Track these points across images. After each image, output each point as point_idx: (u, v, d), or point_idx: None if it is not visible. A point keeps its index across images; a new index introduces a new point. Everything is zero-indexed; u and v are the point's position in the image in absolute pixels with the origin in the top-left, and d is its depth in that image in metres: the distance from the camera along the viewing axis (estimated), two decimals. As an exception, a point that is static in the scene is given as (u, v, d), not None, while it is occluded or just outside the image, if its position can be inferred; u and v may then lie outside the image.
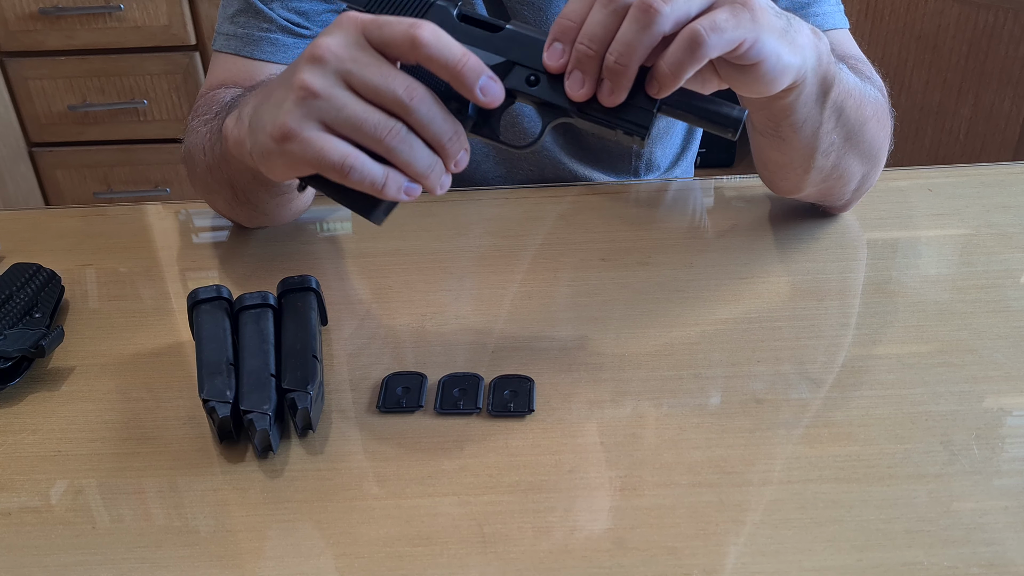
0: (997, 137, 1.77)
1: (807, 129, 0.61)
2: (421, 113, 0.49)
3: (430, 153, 0.51)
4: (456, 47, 0.49)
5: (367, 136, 0.49)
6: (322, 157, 0.50)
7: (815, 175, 0.67)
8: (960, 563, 0.47)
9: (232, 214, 0.76)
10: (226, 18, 0.81)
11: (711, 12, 0.49)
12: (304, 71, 0.50)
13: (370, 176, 0.50)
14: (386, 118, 0.49)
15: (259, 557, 0.49)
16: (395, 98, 0.49)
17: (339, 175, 0.50)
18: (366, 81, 0.49)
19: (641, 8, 0.47)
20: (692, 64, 0.48)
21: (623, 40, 0.48)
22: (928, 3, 1.78)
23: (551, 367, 0.61)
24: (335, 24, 0.51)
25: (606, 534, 0.49)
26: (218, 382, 0.56)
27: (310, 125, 0.50)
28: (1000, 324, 0.64)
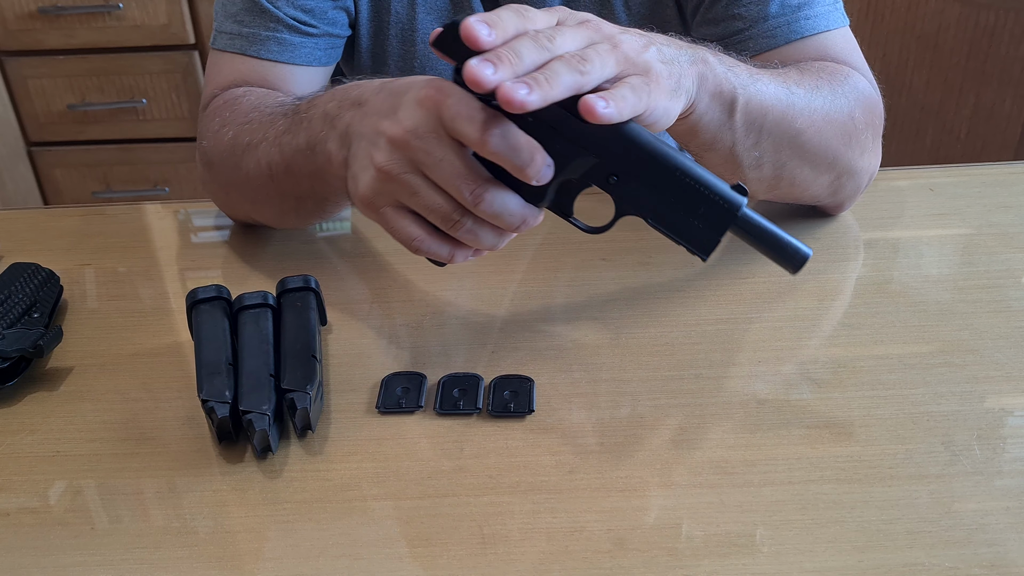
0: (998, 137, 1.77)
1: (719, 147, 0.63)
2: (486, 214, 0.53)
3: (494, 235, 0.55)
4: (522, 149, 0.50)
5: (436, 223, 0.54)
6: (395, 235, 0.56)
7: (757, 185, 0.68)
8: (961, 564, 0.46)
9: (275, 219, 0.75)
10: (228, 16, 0.80)
11: (624, 81, 0.51)
12: (383, 152, 0.54)
13: (436, 254, 0.56)
14: (453, 211, 0.53)
15: (258, 558, 0.48)
16: (462, 198, 0.52)
17: (411, 251, 0.56)
18: (436, 175, 0.52)
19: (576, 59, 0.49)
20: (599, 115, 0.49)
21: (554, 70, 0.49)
22: (929, 3, 1.78)
23: (551, 367, 0.61)
24: (418, 102, 0.52)
25: (606, 534, 0.49)
26: (217, 382, 0.55)
27: (386, 201, 0.55)
28: (1001, 324, 0.64)
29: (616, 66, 0.51)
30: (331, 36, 0.82)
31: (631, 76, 0.52)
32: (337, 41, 0.83)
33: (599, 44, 0.52)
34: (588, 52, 0.50)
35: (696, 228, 0.53)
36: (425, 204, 0.53)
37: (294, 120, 0.65)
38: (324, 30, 0.81)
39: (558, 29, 0.51)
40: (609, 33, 0.53)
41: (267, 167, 0.67)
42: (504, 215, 0.53)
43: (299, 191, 0.67)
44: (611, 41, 0.52)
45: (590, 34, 0.52)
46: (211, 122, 0.75)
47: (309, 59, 0.80)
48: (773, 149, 0.65)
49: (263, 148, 0.68)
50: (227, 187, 0.74)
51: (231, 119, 0.73)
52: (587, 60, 0.50)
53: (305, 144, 0.63)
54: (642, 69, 0.52)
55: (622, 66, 0.52)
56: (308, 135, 0.63)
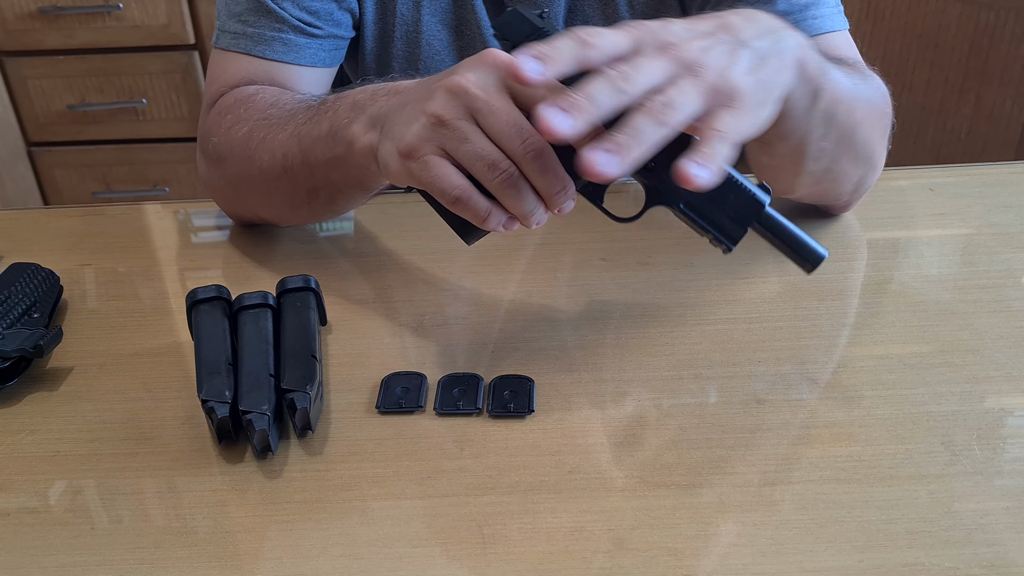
0: (998, 137, 1.77)
1: (794, 137, 0.61)
2: (535, 167, 0.52)
3: (535, 200, 0.54)
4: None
5: (480, 173, 0.53)
6: (436, 183, 0.54)
7: (807, 179, 0.67)
8: (961, 564, 0.46)
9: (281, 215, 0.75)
10: (232, 16, 0.80)
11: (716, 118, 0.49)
12: (438, 99, 0.53)
13: (474, 209, 0.54)
14: (502, 160, 0.52)
15: (258, 558, 0.48)
16: (513, 148, 0.52)
17: (447, 202, 0.54)
18: (492, 124, 0.52)
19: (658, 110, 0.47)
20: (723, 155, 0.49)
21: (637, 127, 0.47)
22: (929, 2, 1.78)
23: (551, 367, 0.61)
24: (479, 59, 0.54)
25: (606, 534, 0.49)
26: (217, 382, 0.55)
27: (432, 149, 0.54)
28: (1001, 324, 0.64)
29: (702, 102, 0.49)
30: (335, 38, 0.82)
31: (718, 108, 0.49)
32: (341, 43, 0.83)
33: (682, 80, 0.48)
34: (672, 95, 0.47)
35: (723, 220, 0.55)
36: (474, 150, 0.52)
37: (318, 111, 0.66)
38: (329, 31, 0.81)
39: (635, 64, 0.48)
40: (692, 60, 0.49)
41: (282, 158, 0.68)
42: (551, 174, 0.52)
43: (313, 182, 0.67)
44: (695, 70, 0.49)
45: (669, 66, 0.49)
46: (222, 119, 0.75)
47: (313, 60, 0.80)
48: (835, 141, 0.64)
49: (280, 140, 0.68)
50: (236, 182, 0.74)
51: (246, 115, 0.73)
52: (670, 107, 0.47)
53: (327, 131, 0.64)
54: (727, 96, 0.49)
55: (708, 99, 0.49)
56: (331, 122, 0.63)
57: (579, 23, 0.84)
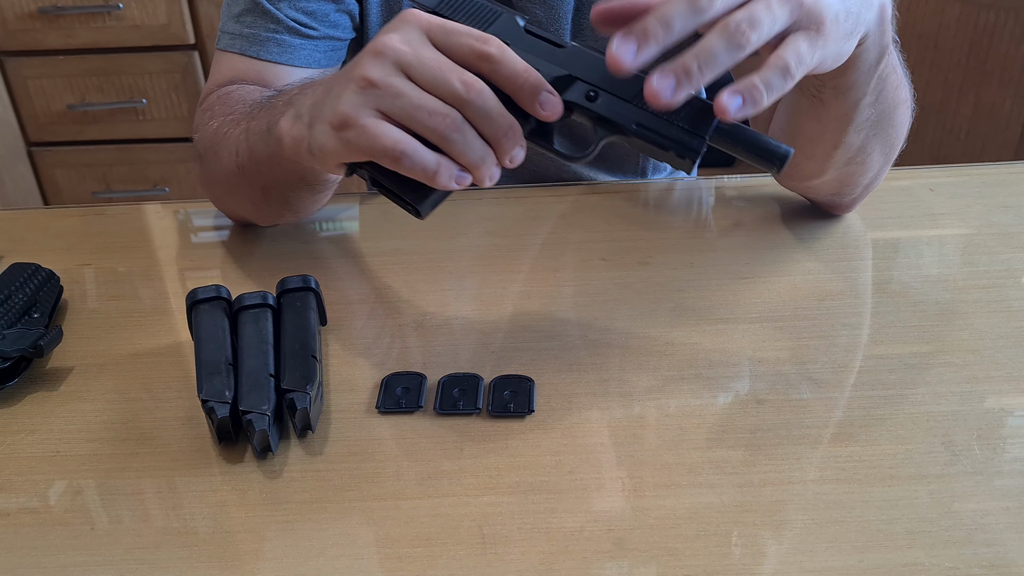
0: (998, 137, 1.77)
1: (851, 96, 0.59)
2: (477, 106, 0.50)
3: (484, 145, 0.51)
4: (519, 63, 0.50)
5: (422, 124, 0.50)
6: (376, 143, 0.51)
7: (842, 153, 0.66)
8: (961, 564, 0.46)
9: (253, 215, 0.75)
10: (231, 17, 0.80)
11: (793, 42, 0.47)
12: (365, 64, 0.51)
13: (422, 162, 0.51)
14: (442, 106, 0.50)
15: (258, 558, 0.48)
16: (452, 90, 0.50)
17: (392, 161, 0.51)
18: (424, 72, 0.50)
19: (733, 31, 0.46)
20: (780, 92, 0.47)
21: (708, 49, 0.46)
22: (928, 2, 1.78)
23: (551, 367, 0.61)
24: (399, 20, 0.52)
25: (606, 534, 0.49)
26: (217, 382, 0.55)
27: (367, 113, 0.51)
28: (1002, 324, 0.64)
29: (787, 19, 0.47)
30: (332, 39, 0.82)
31: (799, 33, 0.47)
32: (338, 44, 0.83)
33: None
34: (756, 11, 0.46)
35: (679, 135, 0.52)
36: (411, 102, 0.50)
37: (265, 107, 0.66)
38: (325, 32, 0.81)
39: None
40: None
41: (236, 155, 0.68)
42: (495, 114, 0.50)
43: (262, 180, 0.67)
44: None
45: None
46: (203, 116, 0.76)
47: (308, 61, 0.80)
48: (878, 115, 0.63)
49: (234, 136, 0.68)
50: (211, 180, 0.75)
51: (219, 112, 0.74)
52: (753, 26, 0.45)
53: (265, 128, 0.63)
54: (815, 19, 0.47)
55: (795, 17, 0.47)
56: (269, 119, 0.63)
57: (586, 21, 0.83)
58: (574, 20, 0.84)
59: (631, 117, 0.52)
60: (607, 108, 0.53)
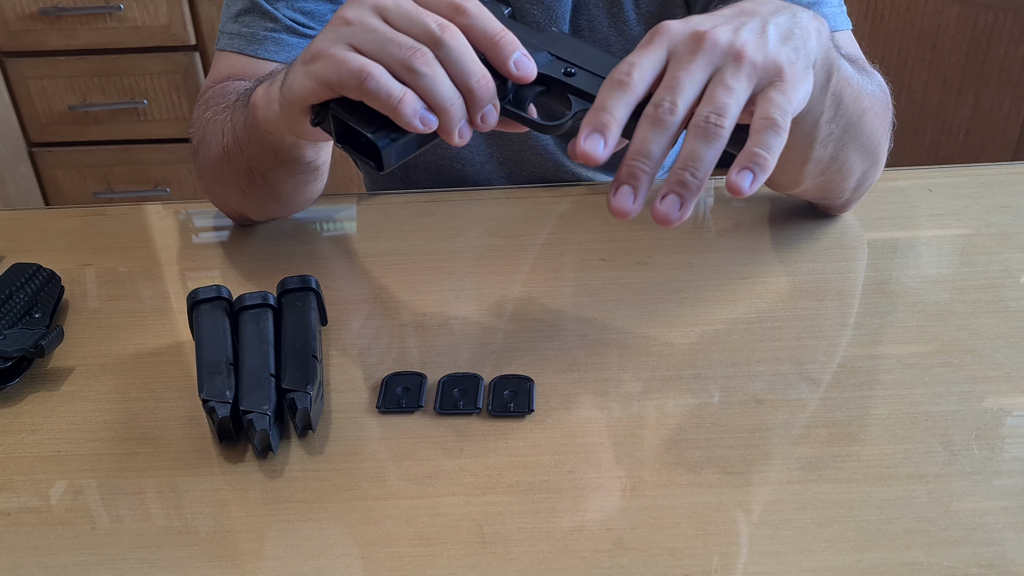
0: (997, 137, 1.77)
1: (808, 117, 0.60)
2: (451, 46, 0.50)
3: (455, 89, 0.50)
4: (497, 22, 0.51)
5: (391, 56, 0.50)
6: (343, 67, 0.50)
7: (812, 167, 0.66)
8: (960, 563, 0.47)
9: (242, 205, 0.75)
10: (230, 17, 0.81)
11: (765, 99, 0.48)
12: (344, 8, 0.52)
13: (387, 86, 0.49)
14: (413, 41, 0.50)
15: (259, 557, 0.49)
16: (427, 29, 0.50)
17: (356, 85, 0.50)
18: (401, 14, 0.51)
19: (704, 129, 0.46)
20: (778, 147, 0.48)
21: (694, 156, 0.46)
22: (928, 3, 1.78)
23: (551, 367, 0.61)
24: None
25: (606, 534, 0.49)
26: (218, 382, 0.56)
27: (339, 45, 0.51)
28: (1000, 324, 0.64)
29: (749, 87, 0.48)
30: None
31: (767, 89, 0.48)
32: None
33: (724, 69, 0.47)
34: (719, 98, 0.46)
35: None
36: (383, 35, 0.50)
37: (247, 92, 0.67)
38: None
39: (676, 80, 0.47)
40: (728, 45, 0.48)
41: (221, 137, 0.69)
42: (466, 58, 0.50)
43: (244, 160, 0.68)
44: (735, 56, 0.47)
45: (709, 59, 0.48)
46: (198, 111, 0.77)
47: None
48: (843, 126, 0.63)
49: (220, 121, 0.70)
50: (203, 170, 0.76)
51: (212, 103, 0.75)
52: (723, 112, 0.46)
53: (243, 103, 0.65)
54: (774, 72, 0.48)
55: (755, 81, 0.48)
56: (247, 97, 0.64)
57: (584, 22, 0.84)
58: (572, 22, 0.84)
59: None
60: (585, 83, 0.53)
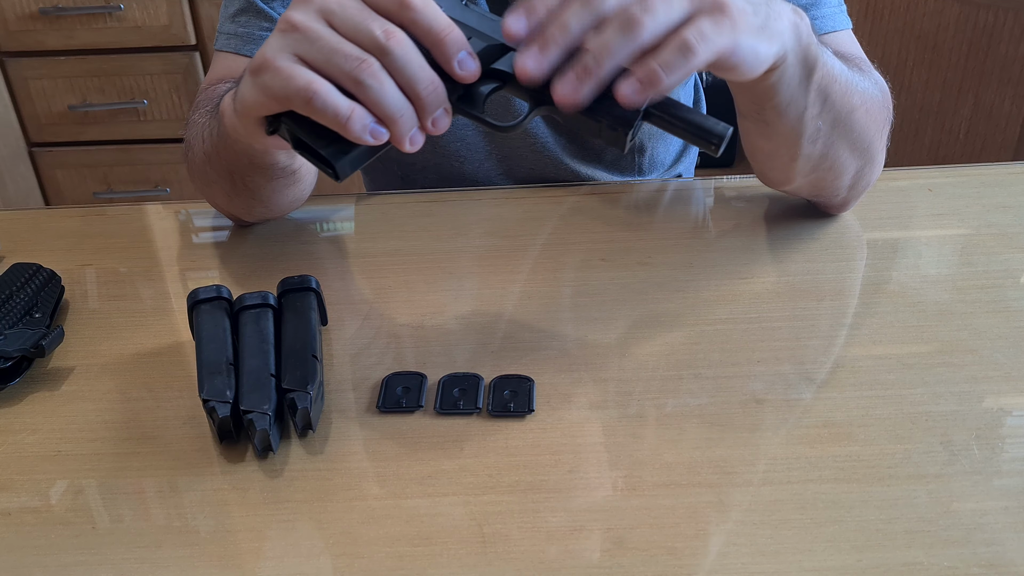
0: (997, 137, 1.77)
1: (792, 112, 0.61)
2: (397, 55, 0.48)
3: (403, 98, 0.49)
4: (444, 18, 0.50)
5: (338, 68, 0.49)
6: (289, 83, 0.49)
7: (803, 164, 0.67)
8: (960, 563, 0.47)
9: (231, 207, 0.76)
10: (227, 18, 0.81)
11: (694, 21, 0.48)
12: (290, 9, 0.51)
13: (334, 105, 0.48)
14: (359, 51, 0.49)
15: (259, 557, 0.49)
16: (372, 37, 0.48)
17: (304, 103, 0.49)
18: (346, 19, 0.49)
19: (624, 18, 0.46)
20: (681, 72, 0.47)
21: (603, 43, 0.47)
22: (928, 3, 1.78)
23: (551, 367, 0.61)
24: None
25: (606, 534, 0.49)
26: (218, 382, 0.56)
27: (285, 56, 0.50)
28: (1000, 324, 0.64)
29: (688, 8, 0.47)
30: None
31: (701, 16, 0.47)
32: None
33: None
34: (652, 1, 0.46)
35: (613, 107, 0.49)
36: (329, 46, 0.49)
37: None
38: None
39: None
40: None
41: (202, 142, 0.69)
42: (415, 66, 0.49)
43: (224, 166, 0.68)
44: None
45: None
46: (191, 116, 0.77)
47: None
48: (831, 123, 0.63)
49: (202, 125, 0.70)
50: (191, 173, 0.76)
51: (200, 107, 0.75)
52: (648, 9, 0.45)
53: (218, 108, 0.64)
54: (721, 5, 0.48)
55: (697, 4, 0.47)
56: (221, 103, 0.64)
57: None
58: None
59: None
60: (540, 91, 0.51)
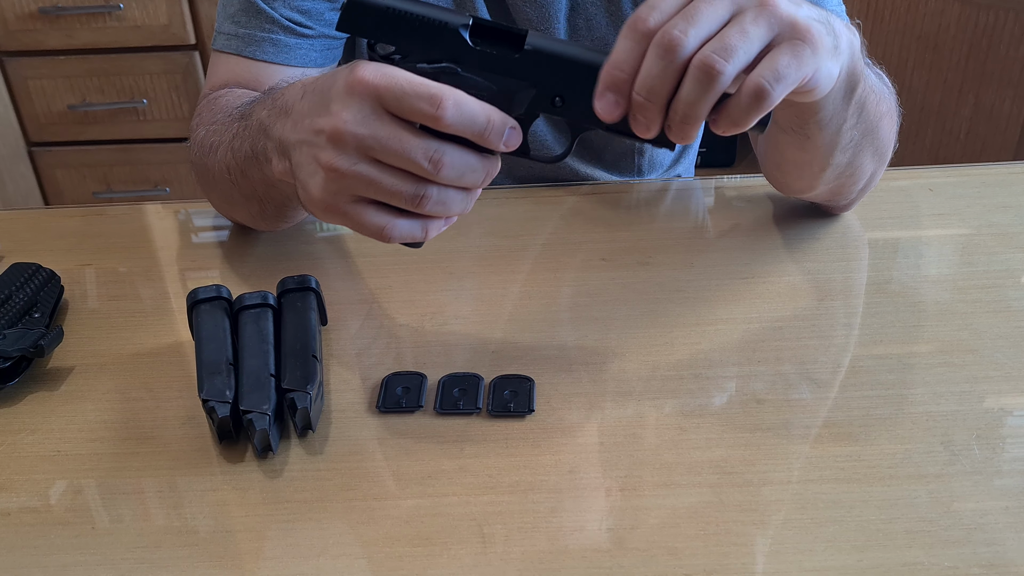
0: (998, 137, 1.77)
1: (832, 126, 0.60)
2: (448, 177, 0.51)
3: (463, 196, 0.53)
4: (479, 115, 0.50)
5: (398, 203, 0.52)
6: (362, 229, 0.53)
7: (831, 172, 0.66)
8: (961, 563, 0.46)
9: (250, 222, 0.75)
10: (227, 17, 0.80)
11: (772, 55, 0.47)
12: (326, 151, 0.51)
13: (409, 235, 0.53)
14: (415, 187, 0.51)
15: (258, 557, 0.48)
16: (420, 169, 0.50)
17: (381, 239, 0.53)
18: (388, 155, 0.50)
19: (703, 69, 0.46)
20: (757, 113, 0.47)
21: (688, 100, 0.47)
22: (928, 3, 1.78)
23: (551, 367, 0.61)
24: (348, 90, 0.50)
25: (606, 534, 0.49)
26: (218, 382, 0.56)
27: (345, 200, 0.52)
28: (1001, 324, 0.64)
29: (769, 32, 0.47)
30: (328, 37, 0.82)
31: (787, 43, 0.47)
32: (334, 43, 0.83)
33: (746, 12, 0.47)
34: (730, 39, 0.45)
35: None
36: (385, 189, 0.51)
37: (241, 126, 0.65)
38: (320, 31, 0.81)
39: (695, 10, 0.46)
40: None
41: (227, 170, 0.68)
42: (467, 173, 0.51)
43: (257, 195, 0.67)
44: (762, 2, 0.47)
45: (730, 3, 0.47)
46: (194, 121, 0.76)
47: (304, 61, 0.80)
48: (862, 133, 0.63)
49: (221, 151, 0.68)
50: (204, 187, 0.75)
51: (206, 119, 0.74)
52: (726, 59, 0.45)
53: (251, 152, 0.63)
54: (799, 31, 0.47)
55: (776, 30, 0.47)
56: (251, 143, 0.63)
57: (581, 22, 0.84)
58: (569, 20, 0.84)
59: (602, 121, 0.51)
60: (575, 112, 0.52)
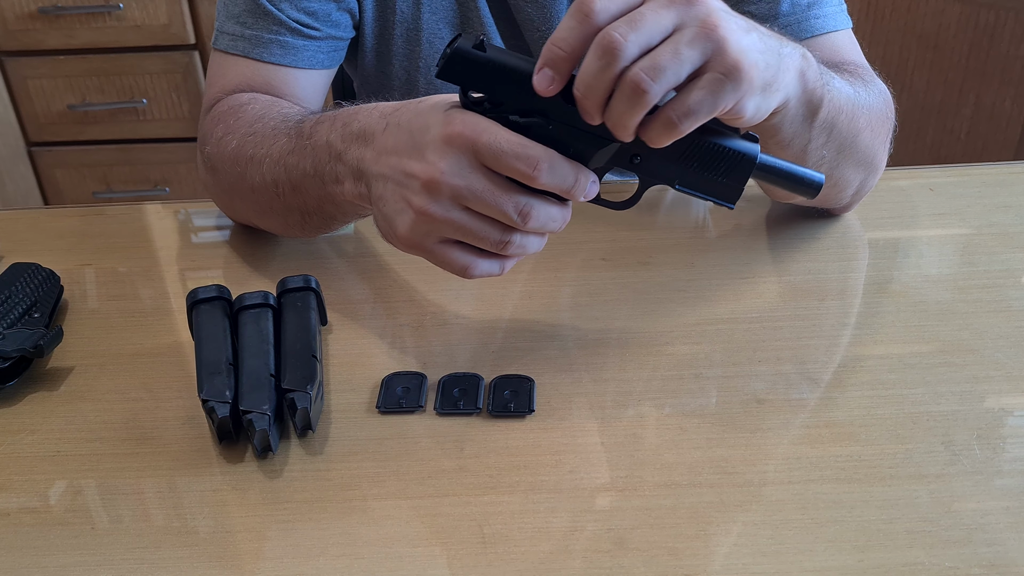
0: (998, 137, 1.77)
1: (795, 147, 0.62)
2: (533, 227, 0.53)
3: (540, 240, 0.56)
4: (569, 175, 0.52)
5: (485, 247, 0.55)
6: (444, 266, 0.56)
7: None
8: (961, 563, 0.46)
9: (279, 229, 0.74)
10: (231, 17, 0.80)
11: (689, 89, 0.48)
12: (420, 197, 0.53)
13: (488, 273, 0.56)
14: (501, 234, 0.54)
15: (258, 558, 0.48)
16: (509, 220, 0.53)
17: (462, 276, 0.56)
18: (480, 207, 0.53)
19: (632, 87, 0.47)
20: (669, 138, 0.50)
21: (618, 111, 0.49)
22: (929, 3, 1.78)
23: (551, 367, 0.61)
24: (447, 141, 0.52)
25: (606, 534, 0.49)
26: (217, 382, 0.55)
27: (432, 240, 0.55)
28: (1001, 324, 0.64)
29: (702, 56, 0.47)
30: (334, 39, 0.82)
31: (711, 73, 0.48)
32: (340, 43, 0.83)
33: (686, 30, 0.47)
34: (661, 59, 0.47)
35: (720, 183, 0.55)
36: (473, 234, 0.54)
37: (298, 143, 0.64)
38: (327, 32, 0.81)
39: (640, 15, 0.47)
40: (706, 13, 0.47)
41: (273, 183, 0.67)
42: (549, 223, 0.54)
43: (306, 208, 0.67)
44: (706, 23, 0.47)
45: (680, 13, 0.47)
46: (215, 128, 0.74)
47: (312, 62, 0.80)
48: (836, 149, 0.65)
49: (267, 165, 0.67)
50: (231, 194, 0.74)
51: (235, 127, 0.72)
52: (655, 79, 0.46)
53: (312, 171, 0.63)
54: (729, 65, 0.47)
55: (708, 56, 0.47)
56: (314, 163, 0.62)
57: None
58: None
59: (673, 175, 0.55)
60: (650, 170, 0.55)
